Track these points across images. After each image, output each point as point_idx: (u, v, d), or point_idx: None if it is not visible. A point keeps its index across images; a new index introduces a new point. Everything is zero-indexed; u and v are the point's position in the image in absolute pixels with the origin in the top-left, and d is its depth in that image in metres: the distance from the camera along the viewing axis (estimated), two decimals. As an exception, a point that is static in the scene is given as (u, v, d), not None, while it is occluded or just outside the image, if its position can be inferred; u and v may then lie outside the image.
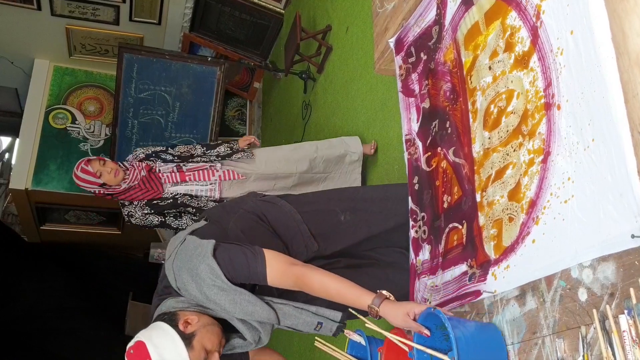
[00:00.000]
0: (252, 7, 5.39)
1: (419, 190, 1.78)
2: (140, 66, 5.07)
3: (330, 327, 1.67)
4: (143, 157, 2.84)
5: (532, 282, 1.22)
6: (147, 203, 2.81)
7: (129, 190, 2.75)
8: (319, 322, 1.66)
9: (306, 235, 1.89)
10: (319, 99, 4.40)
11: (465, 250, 1.47)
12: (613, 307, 1.00)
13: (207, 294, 1.54)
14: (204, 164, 2.83)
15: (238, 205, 1.92)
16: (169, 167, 2.79)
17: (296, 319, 1.64)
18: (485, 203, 1.41)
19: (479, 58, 1.50)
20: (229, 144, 2.96)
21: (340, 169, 3.13)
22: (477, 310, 1.40)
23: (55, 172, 6.28)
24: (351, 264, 1.98)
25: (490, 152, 1.41)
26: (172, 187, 2.78)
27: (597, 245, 1.05)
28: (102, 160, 2.72)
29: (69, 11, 5.80)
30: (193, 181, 2.80)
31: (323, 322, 1.66)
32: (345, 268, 1.94)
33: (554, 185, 1.17)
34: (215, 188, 2.82)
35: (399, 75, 1.98)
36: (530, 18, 1.30)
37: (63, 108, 6.50)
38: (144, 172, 2.75)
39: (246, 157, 2.94)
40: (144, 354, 1.45)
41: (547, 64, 1.23)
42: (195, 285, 1.54)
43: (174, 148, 2.89)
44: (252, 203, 1.92)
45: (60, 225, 6.90)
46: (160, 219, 2.88)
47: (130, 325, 6.77)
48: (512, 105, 1.34)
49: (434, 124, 1.72)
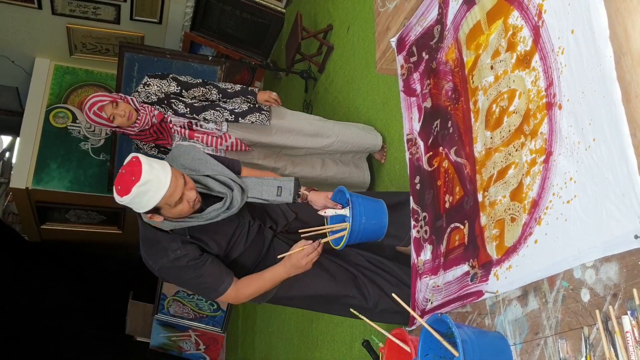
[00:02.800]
0: (253, 6, 5.39)
1: (420, 190, 1.78)
2: (141, 65, 5.06)
3: (289, 188, 2.01)
4: (155, 100, 2.71)
5: (534, 283, 1.21)
6: (156, 145, 2.80)
7: (141, 132, 2.70)
8: (278, 186, 2.00)
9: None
10: (319, 98, 4.40)
11: (467, 250, 1.46)
12: (616, 307, 0.99)
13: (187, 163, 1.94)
14: (216, 131, 2.75)
15: None
16: (180, 121, 2.72)
17: (259, 186, 1.98)
18: (487, 203, 1.40)
19: (481, 57, 1.50)
20: (247, 97, 2.80)
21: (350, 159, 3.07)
22: (479, 311, 1.40)
23: (55, 171, 6.29)
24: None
25: (492, 151, 1.41)
26: (180, 141, 2.74)
27: (599, 245, 1.04)
28: (114, 102, 2.62)
29: (70, 10, 5.80)
30: (201, 143, 2.76)
31: (282, 186, 2.00)
32: None
33: (556, 185, 1.17)
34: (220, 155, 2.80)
35: (401, 74, 1.98)
36: (532, 17, 1.29)
37: (64, 107, 6.50)
38: (155, 119, 2.67)
39: (261, 122, 2.79)
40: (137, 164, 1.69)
41: (548, 64, 1.23)
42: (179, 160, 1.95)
43: (189, 90, 2.74)
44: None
45: (61, 224, 6.91)
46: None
47: (130, 325, 6.77)
48: (514, 104, 1.34)
49: (435, 123, 1.72)
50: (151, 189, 1.69)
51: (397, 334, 1.54)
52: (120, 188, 1.70)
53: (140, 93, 2.71)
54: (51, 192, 6.24)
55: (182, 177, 1.76)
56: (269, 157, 2.87)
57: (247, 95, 2.80)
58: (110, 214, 6.91)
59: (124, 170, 1.72)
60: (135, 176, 1.67)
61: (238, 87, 2.82)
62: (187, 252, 1.83)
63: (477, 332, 1.29)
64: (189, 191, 1.77)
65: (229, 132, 2.75)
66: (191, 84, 2.75)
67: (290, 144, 2.87)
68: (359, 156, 3.09)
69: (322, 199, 2.01)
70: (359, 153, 3.07)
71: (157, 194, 1.70)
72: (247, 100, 2.80)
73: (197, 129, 2.72)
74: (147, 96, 2.70)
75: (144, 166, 1.68)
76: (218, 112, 2.74)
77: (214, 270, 1.87)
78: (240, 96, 2.79)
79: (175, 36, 6.22)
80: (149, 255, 1.89)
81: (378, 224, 1.92)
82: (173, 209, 1.76)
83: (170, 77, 2.74)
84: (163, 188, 1.70)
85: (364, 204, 1.91)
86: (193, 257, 1.83)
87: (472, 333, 1.26)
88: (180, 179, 1.75)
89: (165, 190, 1.70)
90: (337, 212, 1.97)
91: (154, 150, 2.83)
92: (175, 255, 1.82)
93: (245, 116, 2.76)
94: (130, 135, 2.73)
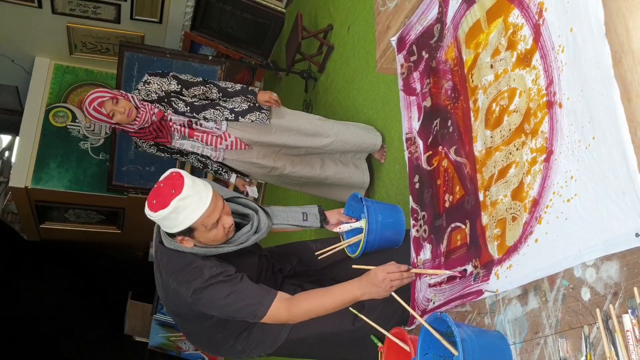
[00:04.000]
0: (253, 5, 5.39)
1: (419, 189, 1.77)
2: (141, 65, 5.07)
3: (315, 213, 1.98)
4: (155, 98, 2.70)
5: (534, 282, 1.21)
6: (155, 144, 2.80)
7: (140, 130, 2.70)
8: (303, 212, 1.97)
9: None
10: (320, 98, 4.39)
11: (469, 250, 1.46)
12: (616, 306, 0.99)
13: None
14: (215, 130, 2.75)
15: None
16: (180, 119, 2.72)
17: (284, 213, 1.95)
18: (488, 202, 1.40)
19: (481, 56, 1.49)
20: (247, 97, 2.79)
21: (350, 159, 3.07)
22: (478, 310, 1.40)
23: (55, 171, 6.28)
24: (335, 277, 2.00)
25: (492, 150, 1.41)
26: (179, 139, 2.74)
27: (600, 244, 1.04)
28: (115, 99, 2.61)
29: (70, 9, 5.80)
30: (201, 142, 2.76)
31: (306, 212, 1.97)
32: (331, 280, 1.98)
33: (557, 184, 1.16)
34: (219, 155, 2.80)
35: (401, 73, 1.97)
36: (533, 16, 1.29)
37: (63, 106, 6.49)
38: (155, 117, 2.67)
39: (261, 121, 2.78)
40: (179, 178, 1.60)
41: (549, 62, 1.22)
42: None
43: (189, 89, 2.73)
44: None
45: (60, 223, 6.90)
46: (166, 155, 2.90)
47: (129, 325, 6.76)
48: (515, 103, 1.34)
49: (435, 122, 1.71)
50: (191, 205, 1.57)
51: (397, 333, 1.54)
52: (156, 202, 1.57)
53: (140, 91, 2.71)
54: (50, 191, 6.24)
55: (222, 200, 1.66)
56: (269, 157, 2.86)
57: (248, 95, 2.79)
58: (110, 214, 6.90)
59: (162, 184, 1.61)
60: (176, 189, 1.56)
61: (238, 87, 2.82)
62: (224, 269, 1.67)
63: (476, 331, 1.28)
64: (226, 216, 1.66)
65: (229, 131, 2.75)
66: (192, 83, 2.75)
67: (290, 143, 2.86)
68: (359, 156, 3.09)
69: (335, 214, 1.99)
70: (359, 153, 3.06)
71: (196, 210, 1.58)
72: (248, 99, 2.80)
73: (196, 127, 2.72)
74: (147, 94, 2.70)
75: (186, 180, 1.58)
76: (218, 110, 2.73)
77: (254, 285, 1.69)
78: (241, 95, 2.79)
79: (176, 36, 6.22)
80: (181, 282, 1.68)
81: (395, 227, 1.89)
82: (208, 232, 1.63)
83: (171, 76, 2.74)
84: (203, 205, 1.59)
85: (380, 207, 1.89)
86: (229, 273, 1.67)
87: (472, 332, 1.25)
88: (221, 201, 1.65)
89: (205, 208, 1.59)
90: (353, 225, 1.95)
91: (153, 148, 2.83)
92: (211, 273, 1.64)
93: (245, 115, 2.76)
94: (130, 132, 2.72)
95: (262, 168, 2.87)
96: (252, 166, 2.87)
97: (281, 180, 2.99)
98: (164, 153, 2.87)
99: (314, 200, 3.57)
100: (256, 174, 2.96)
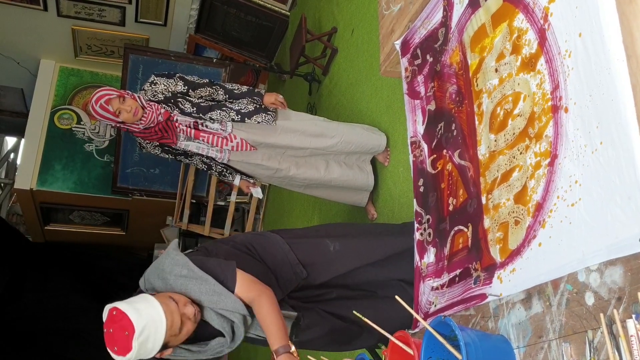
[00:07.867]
0: (257, 8, 5.41)
1: (424, 193, 1.77)
2: (145, 67, 5.09)
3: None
4: (162, 98, 2.71)
5: (538, 286, 1.21)
6: (160, 145, 2.80)
7: (146, 130, 2.70)
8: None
9: (294, 263, 1.95)
10: (323, 101, 4.40)
11: (470, 253, 1.46)
12: (620, 311, 0.99)
13: (173, 286, 1.64)
14: (221, 132, 2.76)
15: (229, 238, 2.02)
16: (186, 120, 2.72)
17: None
18: (490, 206, 1.40)
19: (485, 60, 1.49)
20: (253, 98, 2.81)
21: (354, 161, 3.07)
22: (482, 314, 1.39)
23: (60, 173, 6.31)
24: (344, 295, 2.01)
25: (496, 154, 1.41)
26: (185, 140, 2.74)
27: (604, 248, 1.04)
28: (122, 97, 2.61)
29: (75, 12, 5.83)
30: (206, 143, 2.76)
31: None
32: (337, 299, 1.99)
33: (561, 188, 1.16)
34: (225, 156, 2.80)
35: (405, 77, 1.98)
36: (538, 20, 1.29)
37: (68, 108, 6.52)
38: (161, 117, 2.67)
39: (267, 122, 2.79)
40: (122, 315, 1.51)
41: (554, 67, 1.22)
42: (161, 281, 1.66)
43: (195, 90, 2.75)
44: (242, 237, 2.02)
45: (65, 225, 6.93)
46: (170, 157, 2.90)
47: (133, 326, 6.77)
48: (519, 107, 1.34)
49: (439, 126, 1.71)
50: (151, 333, 1.51)
51: (400, 337, 1.53)
52: (117, 349, 1.51)
53: (147, 91, 2.72)
54: (55, 193, 6.26)
55: (171, 300, 1.58)
56: (273, 158, 2.87)
57: (254, 97, 2.81)
58: (114, 216, 6.93)
59: (111, 329, 1.52)
60: (127, 329, 1.49)
61: (245, 89, 2.83)
62: None
63: (480, 335, 1.28)
64: (184, 308, 1.60)
65: (234, 133, 2.76)
66: (198, 84, 2.76)
67: (295, 144, 2.87)
68: (363, 158, 3.09)
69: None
70: (363, 155, 3.07)
71: (158, 334, 1.53)
72: (254, 101, 2.81)
73: (202, 129, 2.72)
74: (153, 94, 2.71)
75: (130, 314, 1.50)
76: (224, 112, 2.74)
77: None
78: (247, 97, 2.80)
79: (180, 38, 6.24)
80: None
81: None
82: (179, 335, 1.59)
83: (177, 77, 2.75)
84: (162, 325, 1.53)
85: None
86: None
87: (476, 336, 1.25)
88: (172, 303, 1.57)
89: (164, 325, 1.53)
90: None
91: (158, 149, 2.83)
92: None
93: (251, 116, 2.77)
94: (135, 132, 2.73)
95: (267, 170, 2.88)
96: (257, 168, 2.88)
97: (286, 182, 3.00)
98: (169, 154, 2.88)
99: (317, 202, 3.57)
100: (261, 176, 2.97)
